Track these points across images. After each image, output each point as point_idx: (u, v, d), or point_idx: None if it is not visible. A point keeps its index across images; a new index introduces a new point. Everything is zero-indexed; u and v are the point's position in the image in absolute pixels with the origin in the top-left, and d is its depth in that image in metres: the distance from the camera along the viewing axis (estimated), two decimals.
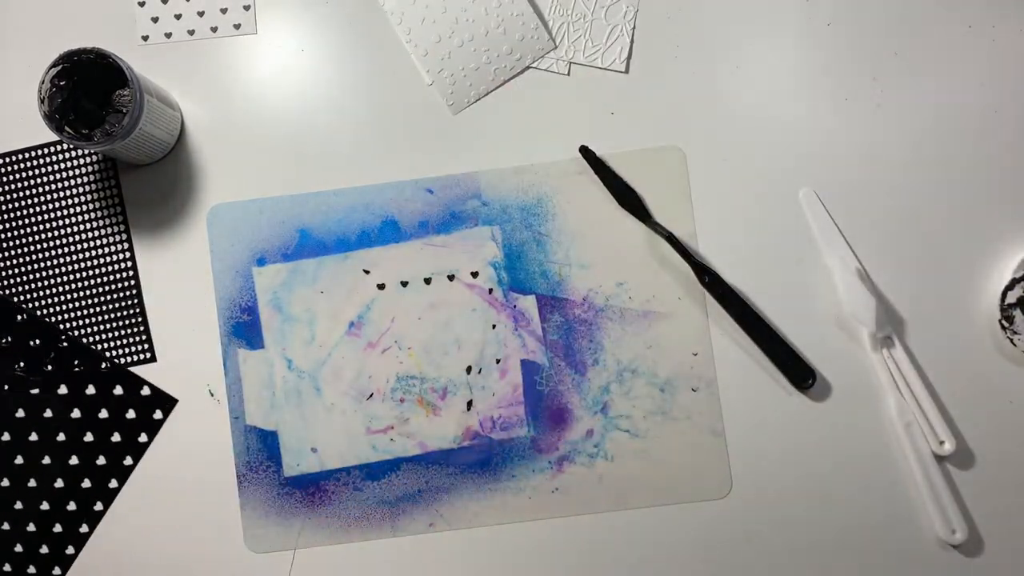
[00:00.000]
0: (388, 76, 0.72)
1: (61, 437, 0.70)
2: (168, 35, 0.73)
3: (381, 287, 0.71)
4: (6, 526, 0.69)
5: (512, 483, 0.69)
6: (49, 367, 0.71)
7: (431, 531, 0.69)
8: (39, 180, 0.72)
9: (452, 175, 0.72)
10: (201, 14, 0.73)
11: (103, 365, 0.70)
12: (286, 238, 0.71)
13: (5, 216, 0.72)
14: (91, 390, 0.71)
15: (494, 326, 0.70)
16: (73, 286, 0.72)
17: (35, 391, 0.71)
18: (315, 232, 0.71)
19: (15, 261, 0.72)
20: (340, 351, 0.71)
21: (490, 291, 0.71)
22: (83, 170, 0.72)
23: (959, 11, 0.71)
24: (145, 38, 0.73)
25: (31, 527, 0.70)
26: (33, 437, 0.70)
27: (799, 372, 0.69)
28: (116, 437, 0.70)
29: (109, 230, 0.72)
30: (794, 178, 0.71)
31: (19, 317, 0.71)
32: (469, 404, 0.70)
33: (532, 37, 0.72)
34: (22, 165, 0.72)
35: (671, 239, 0.69)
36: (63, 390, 0.71)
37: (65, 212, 0.72)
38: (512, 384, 0.70)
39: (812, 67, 0.71)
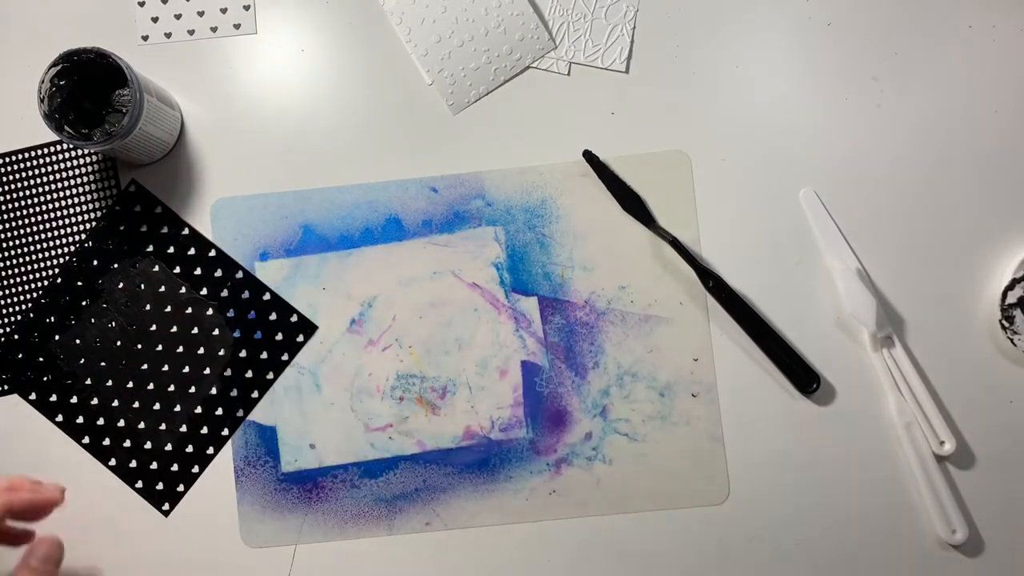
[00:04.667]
0: (388, 76, 0.73)
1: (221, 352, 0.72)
2: (168, 35, 0.73)
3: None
4: (163, 426, 0.71)
5: (509, 484, 0.69)
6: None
7: (427, 530, 0.69)
8: (39, 180, 0.72)
9: (456, 175, 0.72)
10: (201, 14, 0.73)
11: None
12: (289, 233, 0.71)
13: (5, 216, 0.72)
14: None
15: (495, 326, 0.70)
16: None
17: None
18: (318, 228, 0.71)
19: (15, 261, 0.72)
20: (340, 348, 0.71)
21: (492, 291, 0.71)
22: (83, 170, 0.72)
23: (959, 11, 0.71)
24: (145, 38, 0.73)
25: (183, 428, 0.71)
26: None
27: (804, 377, 0.68)
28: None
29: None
30: (794, 178, 0.71)
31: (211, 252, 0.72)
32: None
33: (532, 37, 0.72)
34: (22, 165, 0.72)
35: (675, 243, 0.69)
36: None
37: (65, 212, 0.72)
38: (512, 385, 0.70)
39: (812, 67, 0.71)
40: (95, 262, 0.72)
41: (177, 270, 0.71)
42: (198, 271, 0.71)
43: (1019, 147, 0.70)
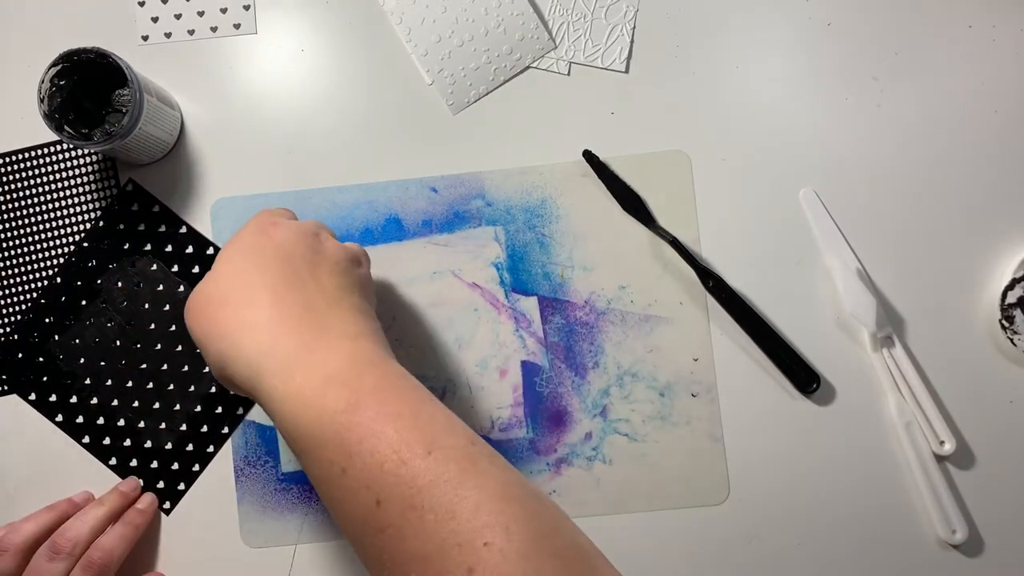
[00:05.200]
0: (388, 76, 0.72)
1: None
2: (168, 35, 0.73)
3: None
4: (163, 425, 0.71)
5: None
6: None
7: None
8: (39, 180, 0.72)
9: (456, 174, 0.71)
10: (201, 14, 0.73)
11: None
12: None
13: (5, 216, 0.72)
14: None
15: (495, 326, 0.70)
16: None
17: None
18: None
19: (14, 261, 0.72)
20: None
21: (492, 291, 0.71)
22: (83, 170, 0.72)
23: (959, 11, 0.71)
24: (145, 38, 0.73)
25: (183, 426, 0.71)
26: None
27: (804, 376, 0.68)
28: None
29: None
30: (794, 178, 0.71)
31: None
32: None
33: (532, 37, 0.72)
34: (22, 165, 0.72)
35: (675, 243, 0.69)
36: None
37: (65, 212, 0.72)
38: (512, 385, 0.70)
39: (812, 67, 0.71)
40: (93, 261, 0.72)
41: (175, 268, 0.71)
42: (196, 269, 0.71)
43: (1019, 147, 0.70)
